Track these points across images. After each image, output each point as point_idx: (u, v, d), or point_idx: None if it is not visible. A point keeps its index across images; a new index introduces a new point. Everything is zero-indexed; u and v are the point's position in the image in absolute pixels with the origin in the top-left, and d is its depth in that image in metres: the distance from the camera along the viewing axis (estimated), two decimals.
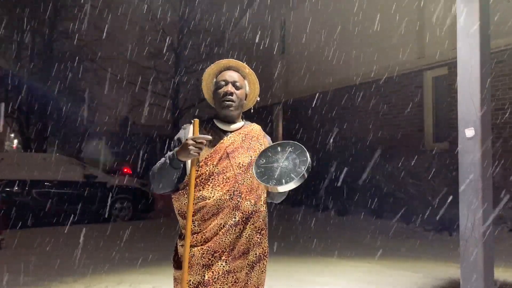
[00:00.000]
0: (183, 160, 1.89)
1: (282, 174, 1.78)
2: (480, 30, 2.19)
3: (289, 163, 1.81)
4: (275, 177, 1.79)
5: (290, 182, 1.74)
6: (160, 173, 1.95)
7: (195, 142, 1.82)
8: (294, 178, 1.74)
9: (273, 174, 1.81)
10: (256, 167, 1.87)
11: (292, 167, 1.79)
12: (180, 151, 1.86)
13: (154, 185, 2.00)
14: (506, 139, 8.07)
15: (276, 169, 1.82)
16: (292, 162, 1.81)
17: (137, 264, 5.89)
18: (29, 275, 5.28)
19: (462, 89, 2.27)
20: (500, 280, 4.94)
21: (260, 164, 1.87)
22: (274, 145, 1.94)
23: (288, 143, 1.89)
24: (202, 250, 1.88)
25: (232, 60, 2.09)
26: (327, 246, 7.15)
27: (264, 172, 1.83)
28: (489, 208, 2.24)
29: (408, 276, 5.30)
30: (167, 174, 1.92)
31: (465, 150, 2.25)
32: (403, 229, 8.43)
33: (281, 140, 11.05)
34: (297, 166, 1.78)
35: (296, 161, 1.80)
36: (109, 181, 10.24)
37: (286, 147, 1.87)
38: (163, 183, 1.96)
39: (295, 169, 1.77)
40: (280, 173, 1.79)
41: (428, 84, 10.08)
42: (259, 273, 1.99)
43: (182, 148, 1.85)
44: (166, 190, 2.00)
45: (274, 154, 1.88)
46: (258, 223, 1.97)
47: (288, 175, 1.77)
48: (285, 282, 4.99)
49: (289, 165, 1.80)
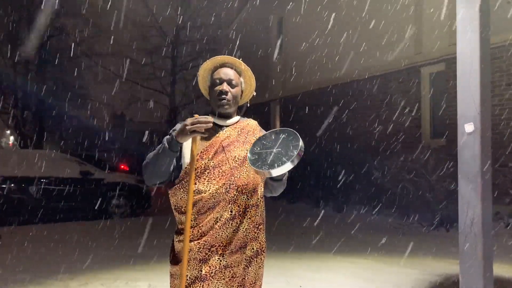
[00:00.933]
0: (181, 142, 1.86)
1: (274, 159, 1.79)
2: (480, 25, 2.17)
3: (282, 148, 1.81)
4: (268, 163, 1.79)
5: (282, 165, 1.74)
6: (155, 159, 1.92)
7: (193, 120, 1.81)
8: (286, 161, 1.74)
9: (267, 159, 1.81)
10: (250, 154, 1.87)
11: (284, 152, 1.79)
12: (178, 132, 1.85)
13: (147, 174, 1.97)
14: (503, 135, 8.09)
15: (270, 154, 1.82)
16: (285, 147, 1.81)
17: (133, 261, 5.88)
18: (25, 272, 5.26)
19: (462, 84, 2.25)
20: (497, 275, 4.94)
21: (254, 152, 1.88)
22: (269, 132, 1.94)
23: (282, 130, 1.89)
24: (199, 245, 1.87)
25: (228, 57, 2.08)
26: (324, 242, 7.15)
27: (258, 159, 1.84)
28: (488, 204, 2.22)
29: (405, 272, 5.30)
30: (163, 159, 1.89)
31: (464, 145, 2.23)
32: (401, 225, 8.43)
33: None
34: (290, 150, 1.78)
35: (289, 146, 1.80)
36: (105, 178, 10.20)
37: (280, 134, 1.87)
38: (156, 170, 1.93)
39: (287, 153, 1.78)
40: (272, 158, 1.79)
41: (425, 80, 10.08)
42: (256, 268, 1.99)
43: (181, 127, 1.83)
44: (158, 181, 1.97)
45: (268, 141, 1.89)
46: (255, 217, 1.96)
47: (280, 159, 1.77)
48: (282, 278, 4.99)
49: (282, 150, 1.81)
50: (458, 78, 2.30)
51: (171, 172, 1.96)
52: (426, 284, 4.82)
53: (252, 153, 1.88)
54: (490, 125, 2.27)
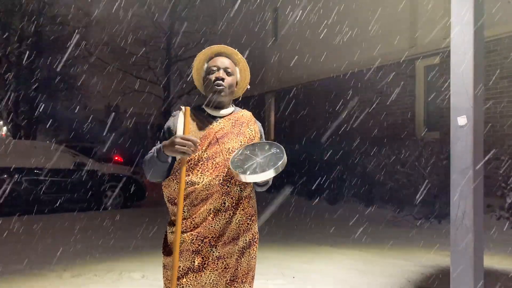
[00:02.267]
0: (169, 155, 1.88)
1: (250, 167, 1.82)
2: (474, 18, 2.17)
3: (264, 160, 1.84)
4: (244, 167, 1.82)
5: (253, 174, 1.78)
6: (150, 164, 1.95)
7: (183, 140, 1.80)
8: (258, 172, 1.78)
9: (246, 164, 1.84)
10: (238, 153, 1.91)
11: (263, 164, 1.82)
12: (167, 146, 1.84)
13: (147, 174, 2.00)
14: (496, 128, 8.14)
15: (250, 161, 1.85)
16: (267, 160, 1.84)
17: (127, 252, 5.88)
18: (18, 263, 5.25)
19: (455, 77, 2.26)
20: (487, 267, 5.00)
21: (242, 153, 1.91)
22: (265, 142, 1.98)
23: (277, 145, 1.92)
24: (192, 236, 1.88)
25: (224, 46, 2.07)
26: (318, 234, 7.19)
27: (241, 160, 1.87)
28: (480, 196, 2.24)
29: (398, 264, 5.35)
30: (156, 165, 1.93)
31: (457, 138, 2.25)
32: (394, 218, 8.49)
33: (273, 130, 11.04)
34: (269, 165, 1.81)
35: (272, 160, 1.83)
36: (99, 169, 10.18)
37: (272, 148, 1.91)
38: (153, 173, 1.97)
39: (263, 166, 1.81)
40: (250, 166, 1.82)
41: (419, 73, 10.10)
42: (249, 259, 2.00)
43: (170, 143, 1.83)
44: (158, 180, 2.01)
45: (259, 149, 1.93)
46: (248, 208, 1.98)
47: (255, 169, 1.80)
48: (276, 270, 5.01)
49: (263, 162, 1.83)
50: (452, 71, 2.30)
51: (169, 171, 1.98)
52: (418, 275, 4.87)
53: (239, 154, 1.91)
54: (482, 118, 2.28)
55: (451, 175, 2.29)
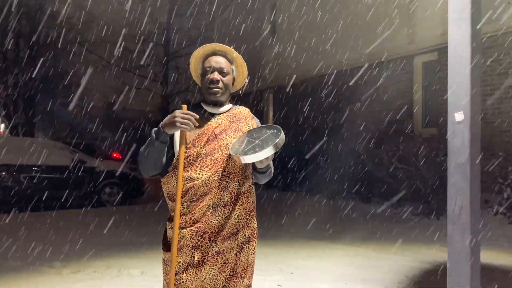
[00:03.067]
0: (169, 133, 1.87)
1: (250, 149, 1.84)
2: (471, 15, 2.18)
3: (262, 141, 1.86)
4: (244, 150, 1.84)
5: (253, 154, 1.79)
6: (147, 152, 1.93)
7: (183, 114, 1.82)
8: (257, 151, 1.79)
9: (246, 147, 1.86)
10: (237, 141, 1.94)
11: (261, 144, 1.84)
12: (166, 122, 1.85)
13: (142, 167, 1.98)
14: (494, 124, 8.16)
15: (250, 144, 1.87)
16: (265, 140, 1.86)
17: (126, 249, 5.89)
18: (18, 259, 5.26)
19: (452, 73, 2.27)
20: (484, 262, 5.02)
21: (241, 140, 1.94)
22: (262, 126, 2.00)
23: (273, 126, 1.93)
24: (191, 231, 1.89)
25: (219, 45, 2.07)
26: (316, 231, 7.21)
27: (239, 146, 1.89)
28: (477, 192, 2.26)
29: (396, 260, 5.37)
30: (154, 151, 1.91)
31: (454, 134, 2.26)
32: (392, 214, 8.52)
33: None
34: (267, 144, 1.82)
35: (269, 139, 1.85)
36: (98, 166, 10.18)
37: (270, 129, 1.93)
38: (150, 163, 1.94)
39: (262, 145, 1.82)
40: (249, 148, 1.85)
41: (418, 69, 10.10)
42: (248, 254, 2.02)
43: (169, 119, 1.84)
44: (154, 172, 1.98)
45: (257, 132, 1.95)
46: (247, 204, 1.99)
47: (254, 149, 1.82)
48: (275, 266, 5.03)
49: (261, 142, 1.85)
50: (449, 67, 2.31)
51: (164, 163, 1.97)
52: (416, 271, 4.89)
53: (239, 141, 1.93)
54: (480, 114, 2.30)
55: (448, 170, 2.31)
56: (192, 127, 1.83)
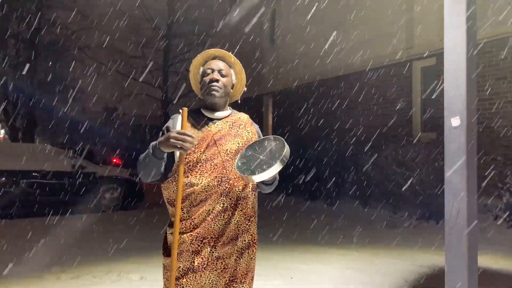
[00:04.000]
0: (164, 151, 1.88)
1: (257, 166, 1.82)
2: (466, 20, 2.21)
3: (267, 156, 1.85)
4: (251, 169, 1.82)
5: (262, 172, 1.77)
6: (145, 162, 1.95)
7: (178, 134, 1.80)
8: (266, 169, 1.77)
9: (251, 165, 1.84)
10: (240, 158, 1.91)
11: (267, 160, 1.82)
12: (162, 141, 1.85)
13: (141, 174, 1.99)
14: (493, 128, 8.18)
15: (255, 161, 1.85)
16: (271, 155, 1.84)
17: (125, 254, 5.90)
18: (17, 265, 5.26)
19: (449, 79, 2.30)
20: (484, 266, 5.03)
21: (245, 155, 1.92)
22: (263, 139, 1.98)
23: (276, 138, 1.92)
24: (191, 237, 1.90)
25: (218, 50, 2.12)
26: (316, 235, 7.22)
27: (245, 163, 1.87)
28: (474, 196, 2.28)
29: (395, 264, 5.38)
30: (151, 163, 1.92)
31: (450, 139, 2.29)
32: (391, 218, 8.53)
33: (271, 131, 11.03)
34: (273, 159, 1.81)
35: (275, 154, 1.83)
36: (98, 171, 10.18)
37: (272, 142, 1.91)
38: (148, 172, 1.95)
39: (269, 162, 1.80)
40: (256, 165, 1.82)
41: (416, 74, 10.14)
42: (248, 260, 2.02)
43: (165, 138, 1.84)
44: (153, 180, 2.00)
45: (259, 147, 1.93)
46: (246, 209, 2.00)
47: (261, 166, 1.80)
48: (273, 271, 5.04)
49: (267, 158, 1.84)
50: (445, 73, 2.34)
51: (163, 172, 1.98)
52: (415, 275, 4.90)
53: (241, 157, 1.91)
54: (476, 119, 2.32)
55: (445, 175, 2.33)
56: (188, 148, 1.81)
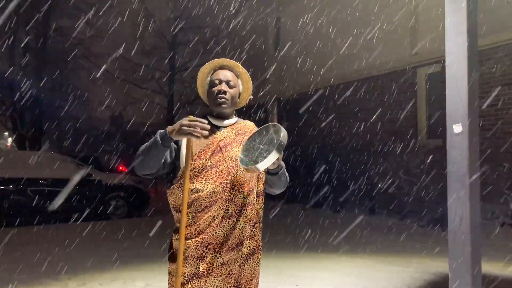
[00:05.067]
0: (174, 139, 1.89)
1: (258, 155, 1.82)
2: (467, 28, 2.23)
3: (266, 143, 1.85)
4: (253, 159, 1.83)
5: (264, 159, 1.77)
6: (147, 150, 1.95)
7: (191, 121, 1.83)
8: (266, 156, 1.78)
9: (253, 156, 1.85)
10: (241, 153, 1.93)
11: (267, 147, 1.83)
12: (173, 128, 1.87)
13: (137, 164, 2.00)
14: (498, 134, 8.16)
15: (256, 151, 1.86)
16: (269, 141, 1.84)
17: (131, 261, 5.92)
18: (24, 272, 5.30)
19: (450, 86, 2.32)
20: (490, 273, 5.01)
21: (245, 149, 1.93)
22: (260, 128, 1.98)
23: (273, 125, 1.92)
24: (196, 242, 1.92)
25: (226, 60, 2.14)
26: (320, 242, 7.21)
27: (247, 156, 1.88)
28: (476, 202, 2.29)
29: (400, 271, 5.37)
30: (155, 152, 1.93)
31: (453, 145, 2.30)
32: (397, 225, 8.50)
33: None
34: (272, 144, 1.81)
35: (273, 140, 1.83)
36: (104, 179, 10.24)
37: (270, 129, 1.91)
38: (147, 162, 1.96)
39: (269, 148, 1.81)
40: (257, 154, 1.83)
41: (421, 81, 10.14)
42: (253, 266, 2.03)
43: (177, 126, 1.86)
44: (147, 172, 2.01)
45: (258, 137, 1.93)
46: (251, 215, 2.01)
47: (262, 154, 1.81)
48: (278, 278, 5.04)
49: (266, 145, 1.84)
50: (447, 80, 2.36)
51: (161, 166, 1.99)
52: (420, 282, 4.88)
53: (244, 151, 1.93)
54: (478, 126, 2.33)
55: (448, 182, 2.34)
56: (201, 133, 1.82)
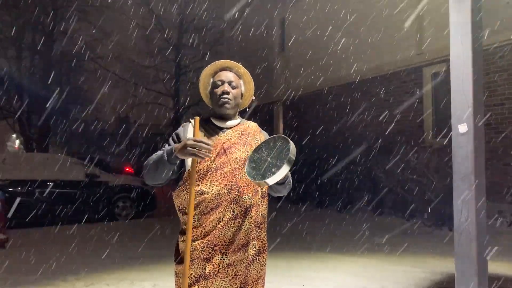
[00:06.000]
0: (179, 158, 1.93)
1: (266, 169, 1.82)
2: (472, 28, 2.23)
3: (274, 157, 1.85)
4: (261, 173, 1.83)
5: (272, 176, 1.77)
6: (155, 165, 1.99)
7: (195, 142, 1.85)
8: (275, 172, 1.78)
9: (260, 169, 1.85)
10: (248, 163, 1.93)
11: (275, 162, 1.82)
12: (178, 148, 1.90)
13: (147, 176, 2.05)
14: (505, 133, 8.11)
15: (264, 163, 1.86)
16: (278, 155, 1.84)
17: (138, 262, 5.95)
18: (32, 273, 5.34)
19: (455, 85, 2.32)
20: (497, 273, 4.98)
21: (252, 159, 1.93)
22: (268, 139, 1.98)
23: (279, 137, 1.92)
24: (203, 244, 1.94)
25: (228, 61, 2.16)
26: (326, 242, 7.20)
27: (255, 168, 1.88)
28: (482, 201, 2.29)
29: (407, 271, 5.36)
30: (162, 167, 1.97)
31: (458, 145, 2.30)
32: (403, 225, 8.47)
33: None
34: (280, 159, 1.80)
35: (281, 154, 1.83)
36: (111, 180, 10.30)
37: (277, 142, 1.91)
38: (156, 176, 2.00)
39: (277, 163, 1.81)
40: (265, 168, 1.83)
41: (427, 80, 10.10)
42: (259, 267, 2.05)
43: (181, 146, 1.88)
44: (157, 182, 2.05)
45: (265, 149, 1.93)
46: (256, 216, 2.03)
47: (270, 169, 1.80)
48: (284, 278, 5.05)
49: (274, 159, 1.84)
50: (452, 81, 2.36)
51: (170, 177, 2.04)
52: (427, 282, 4.87)
53: (250, 161, 1.93)
54: (483, 125, 2.33)
55: (454, 182, 2.34)
56: (205, 155, 1.85)
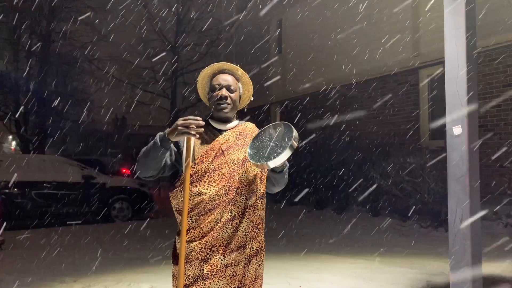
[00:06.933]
0: (172, 140, 1.94)
1: (271, 152, 1.87)
2: (466, 31, 2.26)
3: (277, 141, 1.90)
4: (265, 156, 1.88)
5: (278, 156, 1.82)
6: (147, 153, 2.00)
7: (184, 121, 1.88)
8: (280, 152, 1.83)
9: (264, 153, 1.90)
10: (250, 149, 1.97)
11: (279, 144, 1.88)
12: (170, 131, 1.92)
13: (139, 166, 2.05)
14: (501, 135, 8.16)
15: (267, 148, 1.91)
16: (280, 139, 1.90)
17: (135, 264, 5.96)
18: (29, 275, 5.34)
19: (450, 88, 2.34)
20: (493, 274, 5.01)
21: (254, 146, 1.97)
22: (267, 127, 2.02)
23: (280, 123, 1.97)
24: (200, 245, 1.95)
25: (226, 63, 2.17)
26: (324, 244, 7.22)
27: (257, 153, 1.93)
28: (476, 203, 2.31)
29: (404, 272, 5.38)
30: (154, 153, 1.97)
31: (452, 147, 2.32)
32: (400, 226, 8.50)
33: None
34: (285, 142, 1.87)
35: (284, 138, 1.89)
36: (107, 182, 10.29)
37: (278, 128, 1.96)
38: (148, 162, 2.01)
39: (281, 145, 1.86)
40: (269, 151, 1.88)
41: (423, 82, 10.15)
42: (256, 267, 2.06)
43: (173, 128, 1.91)
44: (148, 174, 2.05)
45: (266, 135, 1.99)
46: (254, 217, 2.04)
47: (276, 151, 1.86)
48: (282, 279, 5.06)
49: (277, 143, 1.89)
50: (446, 83, 2.39)
51: (162, 168, 2.04)
52: (423, 283, 4.90)
53: (252, 148, 1.97)
54: (477, 127, 2.36)
55: (448, 183, 2.36)
56: (196, 130, 1.87)
